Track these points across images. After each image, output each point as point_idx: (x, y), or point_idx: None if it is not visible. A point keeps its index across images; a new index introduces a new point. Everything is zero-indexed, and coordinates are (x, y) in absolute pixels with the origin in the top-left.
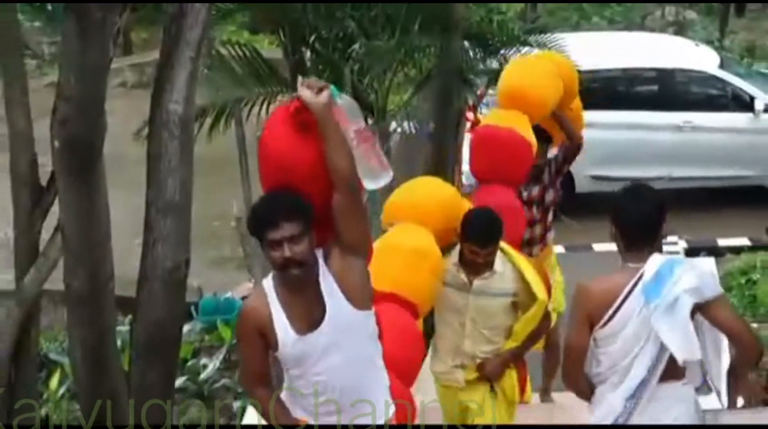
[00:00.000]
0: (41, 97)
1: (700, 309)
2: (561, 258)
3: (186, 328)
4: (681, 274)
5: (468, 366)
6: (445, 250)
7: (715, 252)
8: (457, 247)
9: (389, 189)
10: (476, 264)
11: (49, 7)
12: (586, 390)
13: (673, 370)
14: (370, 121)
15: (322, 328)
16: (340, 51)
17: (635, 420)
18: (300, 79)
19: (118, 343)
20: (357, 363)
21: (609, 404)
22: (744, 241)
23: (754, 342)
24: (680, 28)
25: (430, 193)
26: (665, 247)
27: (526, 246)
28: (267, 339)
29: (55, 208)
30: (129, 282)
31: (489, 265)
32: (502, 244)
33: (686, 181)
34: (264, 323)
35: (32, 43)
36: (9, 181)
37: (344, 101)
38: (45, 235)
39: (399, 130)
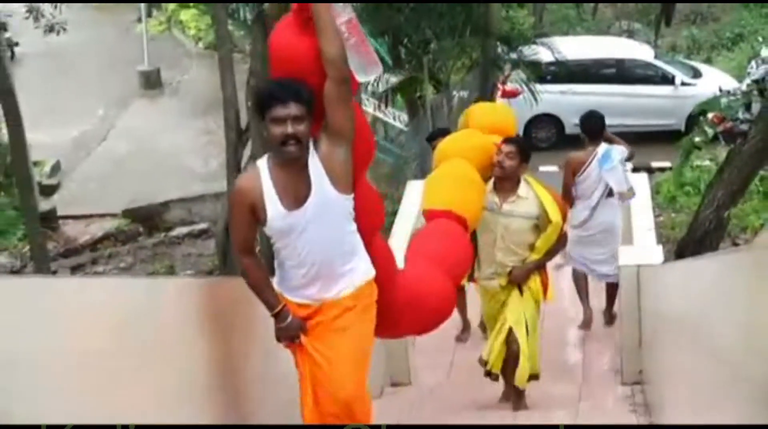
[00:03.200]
0: (242, 76)
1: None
2: (552, 175)
3: None
4: (614, 155)
5: (501, 273)
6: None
7: (649, 170)
8: (492, 180)
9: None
10: (499, 175)
11: (249, 22)
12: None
13: (609, 194)
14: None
15: (306, 206)
16: (422, 48)
17: (594, 218)
18: None
19: None
20: (334, 239)
21: (579, 211)
22: (667, 164)
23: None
24: (630, 34)
25: (475, 140)
26: None
27: None
28: (257, 212)
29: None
30: None
31: (513, 186)
32: (529, 177)
33: (633, 127)
34: (256, 198)
35: (239, 43)
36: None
37: None
38: (244, 159)
39: (457, 96)
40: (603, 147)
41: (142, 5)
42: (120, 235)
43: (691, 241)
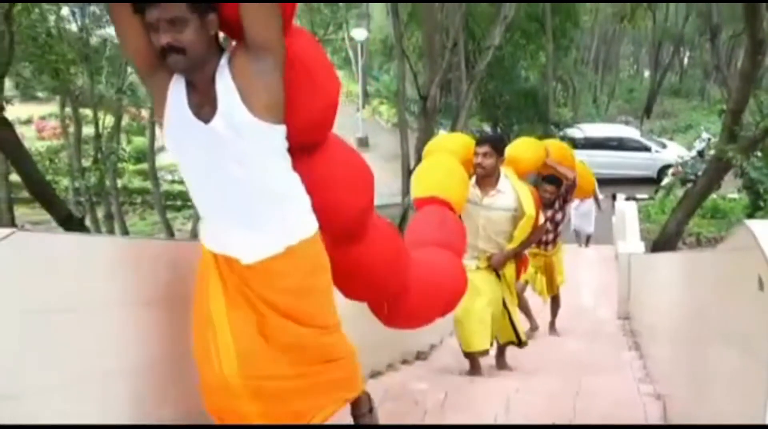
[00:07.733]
0: (413, 142)
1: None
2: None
3: None
4: None
5: (481, 258)
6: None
7: (636, 199)
8: (475, 175)
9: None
10: (481, 175)
11: (417, 112)
12: None
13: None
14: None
15: (211, 125)
16: (509, 127)
17: (579, 207)
18: None
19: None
20: (248, 173)
21: (576, 203)
22: (645, 196)
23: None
24: (627, 122)
25: (457, 138)
26: (619, 196)
27: (543, 245)
28: (157, 75)
29: None
30: None
31: (494, 181)
32: (506, 170)
33: (626, 175)
34: (165, 77)
35: (411, 123)
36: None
37: None
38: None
39: None
40: None
41: (360, 102)
42: None
43: (660, 241)
